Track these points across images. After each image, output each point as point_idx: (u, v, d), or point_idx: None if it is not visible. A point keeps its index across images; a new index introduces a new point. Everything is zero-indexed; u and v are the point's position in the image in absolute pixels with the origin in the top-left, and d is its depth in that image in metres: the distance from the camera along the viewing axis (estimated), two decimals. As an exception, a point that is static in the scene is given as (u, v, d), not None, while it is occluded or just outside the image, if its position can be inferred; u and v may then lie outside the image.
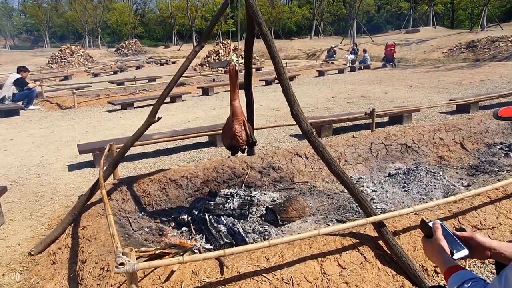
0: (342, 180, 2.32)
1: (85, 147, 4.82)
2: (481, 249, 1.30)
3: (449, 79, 12.35)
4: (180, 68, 2.84)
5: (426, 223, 1.40)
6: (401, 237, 2.42)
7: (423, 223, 1.41)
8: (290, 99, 2.55)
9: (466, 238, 1.34)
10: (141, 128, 2.90)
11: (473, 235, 1.35)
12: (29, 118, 8.77)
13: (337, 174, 2.33)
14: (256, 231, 2.96)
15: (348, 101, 9.13)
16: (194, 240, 2.84)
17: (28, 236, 3.09)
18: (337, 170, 2.32)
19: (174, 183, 3.65)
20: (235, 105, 2.89)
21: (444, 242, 1.32)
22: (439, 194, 3.72)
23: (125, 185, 3.46)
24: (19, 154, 5.68)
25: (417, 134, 4.90)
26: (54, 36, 60.92)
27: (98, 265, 2.20)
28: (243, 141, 2.88)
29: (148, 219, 3.28)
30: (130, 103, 9.50)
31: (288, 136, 5.96)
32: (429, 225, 1.39)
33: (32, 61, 31.86)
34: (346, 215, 3.29)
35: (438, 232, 1.35)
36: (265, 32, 2.64)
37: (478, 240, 1.31)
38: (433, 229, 1.37)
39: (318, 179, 4.20)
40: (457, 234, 1.38)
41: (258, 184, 3.96)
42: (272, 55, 2.62)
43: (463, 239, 1.34)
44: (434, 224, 1.38)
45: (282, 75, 2.58)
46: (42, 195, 3.97)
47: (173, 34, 49.10)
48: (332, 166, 2.33)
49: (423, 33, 29.17)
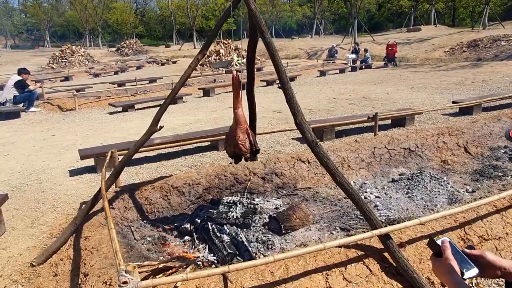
0: (347, 191, 2.29)
1: (86, 152, 4.79)
2: (491, 268, 1.27)
3: (451, 79, 12.30)
4: (182, 76, 2.81)
5: (435, 241, 1.36)
6: (407, 248, 2.39)
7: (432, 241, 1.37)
8: (294, 109, 2.52)
9: (475, 256, 1.31)
10: (143, 137, 2.87)
11: (483, 253, 1.31)
12: (30, 120, 8.75)
13: (342, 185, 2.30)
14: (260, 240, 2.93)
15: (350, 102, 9.10)
16: (197, 250, 2.81)
17: (29, 246, 3.07)
18: (342, 181, 2.29)
19: (176, 190, 3.62)
20: (239, 113, 2.86)
21: (454, 262, 1.29)
22: (444, 201, 3.69)
23: (127, 193, 3.44)
24: (21, 158, 5.66)
25: (420, 138, 4.87)
26: (55, 36, 60.89)
27: (101, 278, 2.17)
28: (247, 149, 2.85)
29: (150, 227, 3.26)
30: (131, 105, 9.48)
31: (290, 140, 5.93)
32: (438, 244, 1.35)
33: (33, 61, 31.88)
34: (350, 223, 3.26)
35: (448, 252, 1.32)
36: (268, 40, 2.60)
37: (488, 259, 1.28)
38: (442, 248, 1.33)
39: (321, 185, 4.17)
40: (467, 252, 1.34)
41: (260, 190, 3.94)
42: (275, 64, 2.59)
43: (472, 257, 1.31)
44: (443, 243, 1.34)
45: (286, 84, 2.55)
46: (43, 202, 3.95)
47: (173, 33, 49.05)
48: (337, 177, 2.30)
49: (424, 32, 29.08)
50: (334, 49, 24.00)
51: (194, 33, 41.46)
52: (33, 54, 39.71)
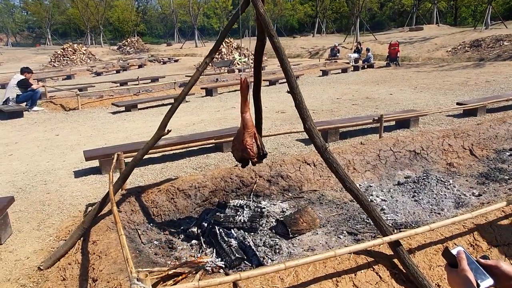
0: (357, 197, 2.29)
1: (91, 153, 4.79)
2: (506, 279, 1.26)
3: (454, 80, 12.27)
4: (191, 80, 2.80)
5: (450, 251, 1.34)
6: (416, 254, 2.38)
7: (447, 251, 1.35)
8: (303, 114, 2.51)
9: (490, 267, 1.30)
10: (150, 141, 2.86)
11: (498, 263, 1.30)
12: (33, 120, 8.75)
13: (351, 191, 2.29)
14: (267, 244, 2.93)
15: (353, 103, 9.08)
16: (204, 254, 2.81)
17: (36, 249, 3.07)
18: (351, 187, 2.29)
19: (182, 193, 3.62)
20: (246, 117, 2.84)
21: (471, 273, 1.28)
22: (450, 204, 3.68)
23: (133, 196, 3.43)
24: (25, 159, 5.66)
25: (425, 140, 4.86)
26: (56, 34, 60.87)
27: (110, 284, 2.17)
28: (254, 154, 2.84)
29: (157, 230, 3.26)
30: (134, 105, 9.47)
31: (294, 141, 5.92)
32: (453, 254, 1.33)
33: (34, 59, 31.91)
34: (357, 226, 3.26)
35: (464, 263, 1.30)
36: (278, 45, 2.59)
37: (503, 269, 1.27)
38: (458, 259, 1.32)
39: (327, 187, 4.16)
40: (481, 262, 1.33)
41: (266, 193, 3.93)
42: (284, 68, 2.58)
43: (487, 267, 1.30)
44: (458, 253, 1.33)
45: (295, 89, 2.54)
46: (49, 204, 3.95)
47: (175, 32, 48.97)
48: (346, 183, 2.30)
49: (426, 31, 29.01)
50: (336, 49, 23.96)
51: (195, 31, 41.38)
52: (34, 52, 39.70)
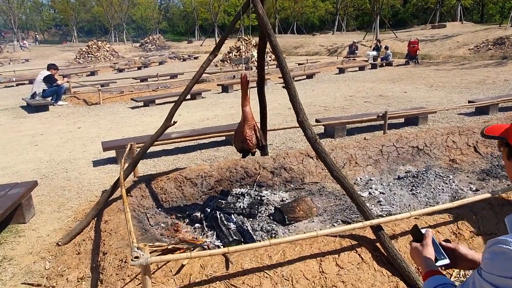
0: (343, 185, 2.47)
1: (108, 144, 5.12)
2: (464, 261, 1.42)
3: (472, 78, 12.10)
4: (195, 76, 3.04)
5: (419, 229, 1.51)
6: (399, 240, 2.55)
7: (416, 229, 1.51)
8: (296, 107, 2.71)
9: (450, 249, 1.46)
10: (158, 131, 3.12)
11: (457, 246, 1.46)
12: (57, 113, 9.23)
13: (337, 179, 2.48)
14: (264, 229, 3.14)
15: (365, 100, 9.15)
16: (205, 237, 3.05)
17: (56, 228, 3.39)
18: (338, 175, 2.47)
19: (189, 181, 3.87)
20: (246, 110, 3.06)
21: (432, 248, 1.44)
22: (446, 198, 3.79)
23: (144, 183, 3.71)
24: (49, 149, 6.06)
25: (429, 137, 4.95)
26: (82, 31, 62.68)
27: (118, 256, 2.43)
28: (254, 144, 3.06)
29: (165, 215, 3.52)
30: (152, 100, 9.83)
31: (302, 136, 6.08)
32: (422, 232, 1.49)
33: (61, 55, 33.00)
34: (352, 216, 3.43)
35: (429, 239, 1.46)
36: (274, 43, 2.79)
37: (461, 252, 1.43)
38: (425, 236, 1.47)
39: (328, 180, 4.33)
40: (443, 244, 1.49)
41: (269, 184, 4.14)
42: (280, 65, 2.78)
43: (447, 249, 1.46)
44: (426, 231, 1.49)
45: (290, 84, 2.74)
46: (69, 190, 4.28)
47: (196, 29, 49.59)
48: (334, 171, 2.48)
49: (449, 29, 28.39)
50: (354, 45, 23.79)
51: (216, 28, 41.82)
52: (61, 49, 41.06)
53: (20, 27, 56.17)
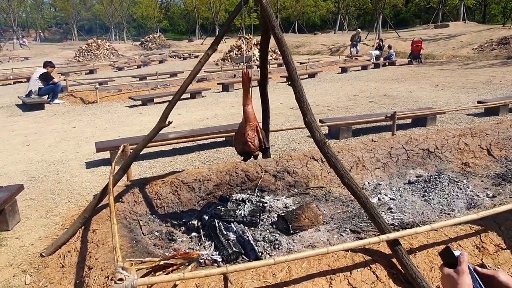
0: (355, 193, 2.22)
1: (102, 145, 4.86)
2: None
3: (478, 78, 11.84)
4: (192, 71, 2.79)
5: (452, 251, 1.23)
6: (417, 255, 2.29)
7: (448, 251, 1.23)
8: (303, 107, 2.45)
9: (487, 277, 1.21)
10: (151, 132, 2.87)
11: (495, 273, 1.20)
12: (53, 112, 8.98)
13: (349, 187, 2.22)
14: (267, 239, 2.88)
15: (370, 100, 8.89)
16: (203, 247, 2.80)
17: (41, 236, 3.14)
18: (350, 183, 2.22)
19: (186, 185, 3.62)
20: (248, 110, 2.81)
21: (469, 277, 1.18)
22: (462, 205, 3.54)
23: (137, 187, 3.45)
24: (41, 149, 5.81)
25: (440, 139, 4.69)
26: (82, 29, 62.42)
27: (104, 272, 2.18)
28: (256, 147, 2.80)
29: (159, 222, 3.27)
30: (150, 99, 9.58)
31: (305, 137, 5.84)
32: (454, 254, 1.22)
33: (61, 54, 32.77)
34: (361, 225, 3.17)
35: (465, 265, 1.20)
36: (279, 36, 2.54)
37: (501, 279, 1.18)
38: (460, 260, 1.20)
39: (334, 184, 4.08)
40: (478, 270, 1.23)
41: (272, 188, 3.89)
42: (285, 60, 2.53)
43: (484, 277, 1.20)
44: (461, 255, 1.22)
45: (296, 82, 2.48)
46: (58, 193, 4.03)
47: (196, 28, 49.32)
48: (345, 178, 2.23)
49: (452, 28, 28.11)
50: (358, 35, 23.40)
51: (216, 27, 41.55)
52: (61, 47, 40.84)
53: (21, 25, 55.95)
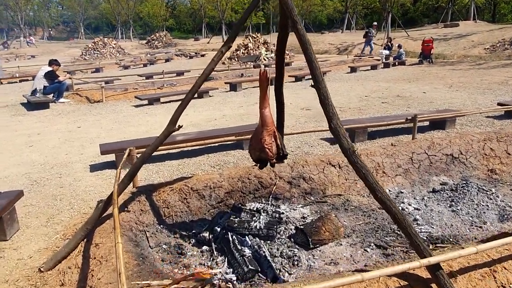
0: (389, 210, 1.96)
1: (107, 147, 4.65)
2: None
3: (493, 79, 11.49)
4: (205, 71, 2.55)
5: None
6: (458, 279, 2.04)
7: None
8: (328, 111, 2.20)
9: None
10: (160, 136, 2.63)
11: None
12: (58, 111, 8.80)
13: (382, 202, 1.97)
14: (285, 255, 2.64)
15: (382, 101, 8.60)
16: (215, 263, 2.56)
17: (41, 247, 2.92)
18: (383, 198, 1.97)
19: (196, 193, 3.38)
20: (265, 113, 2.57)
21: None
22: (493, 217, 3.27)
23: (144, 194, 3.23)
24: (44, 150, 5.61)
25: (464, 143, 4.41)
26: (89, 28, 62.48)
27: (107, 295, 1.95)
28: (273, 154, 2.56)
29: (167, 233, 3.04)
30: (156, 98, 9.37)
31: (318, 140, 5.58)
32: None
33: (67, 52, 32.74)
34: (387, 239, 2.92)
35: None
36: (302, 32, 2.29)
37: None
38: None
39: (353, 191, 3.82)
40: None
41: (286, 196, 3.64)
42: (308, 59, 2.28)
43: None
44: None
45: (320, 83, 2.24)
46: (61, 199, 3.82)
47: (203, 27, 49.14)
48: (377, 192, 1.98)
49: (462, 28, 27.63)
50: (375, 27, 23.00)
51: (223, 26, 41.32)
52: (67, 46, 40.84)
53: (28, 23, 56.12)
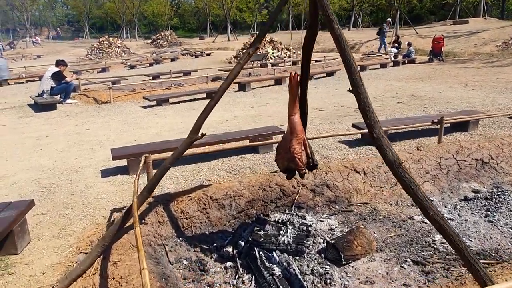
0: (443, 231, 1.76)
1: (119, 152, 4.47)
2: None
3: (509, 77, 11.20)
4: (229, 75, 2.36)
5: None
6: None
7: None
8: (370, 119, 2.00)
9: None
10: (181, 146, 2.45)
11: None
12: (65, 113, 8.65)
13: (435, 222, 1.77)
14: (316, 272, 2.45)
15: (397, 101, 8.37)
16: (241, 282, 2.37)
17: (54, 262, 2.74)
18: (436, 217, 1.76)
19: (215, 202, 3.20)
20: (295, 120, 2.37)
21: None
22: (535, 228, 3.06)
23: (161, 205, 3.05)
24: (53, 154, 5.45)
25: (494, 147, 4.19)
26: (94, 27, 62.51)
27: (129, 324, 1.77)
28: (304, 164, 2.36)
29: (187, 246, 2.86)
30: (165, 99, 9.20)
31: (336, 143, 5.37)
32: None
33: (72, 52, 32.70)
34: (423, 253, 2.72)
35: None
36: (338, 32, 2.09)
37: None
38: None
39: (379, 199, 3.62)
40: None
41: (310, 204, 3.45)
42: (346, 61, 2.08)
43: None
44: None
45: (360, 88, 2.03)
46: (72, 207, 3.64)
47: (207, 26, 48.92)
48: (429, 210, 1.78)
49: (472, 25, 27.20)
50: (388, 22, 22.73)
51: (228, 25, 41.08)
52: (72, 45, 40.82)
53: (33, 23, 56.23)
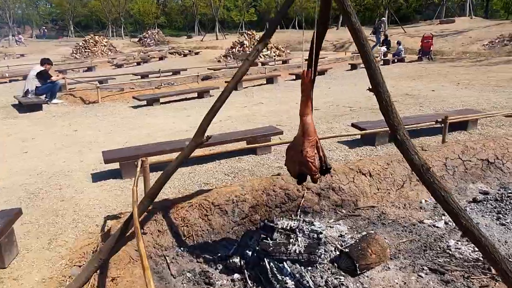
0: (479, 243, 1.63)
1: (111, 154, 4.25)
2: None
3: (499, 75, 11.27)
4: (237, 72, 2.19)
5: None
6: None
7: None
8: (392, 120, 1.86)
9: None
10: (186, 151, 2.26)
11: None
12: (52, 113, 8.33)
13: (470, 233, 1.63)
14: (330, 283, 2.30)
15: (393, 99, 8.28)
16: (251, 296, 2.21)
17: (45, 276, 2.53)
18: (470, 227, 1.63)
19: (218, 208, 3.02)
20: (307, 121, 2.21)
21: None
22: (549, 231, 2.97)
23: (160, 212, 2.86)
24: (40, 157, 5.19)
25: (499, 147, 4.11)
26: (79, 26, 61.27)
27: None
28: (317, 168, 2.21)
29: (189, 257, 2.67)
30: (156, 99, 8.95)
31: (336, 143, 5.25)
32: None
33: (57, 50, 31.92)
34: (439, 260, 2.59)
35: None
36: (357, 26, 1.94)
37: None
38: None
39: (387, 202, 3.50)
40: None
41: (316, 209, 3.30)
42: (366, 59, 1.93)
43: None
44: None
45: (381, 86, 1.89)
46: (62, 215, 3.42)
47: (195, 24, 48.50)
48: (462, 219, 1.64)
49: (458, 24, 27.51)
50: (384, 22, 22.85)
51: (216, 24, 40.75)
52: (57, 44, 39.91)
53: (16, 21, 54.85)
